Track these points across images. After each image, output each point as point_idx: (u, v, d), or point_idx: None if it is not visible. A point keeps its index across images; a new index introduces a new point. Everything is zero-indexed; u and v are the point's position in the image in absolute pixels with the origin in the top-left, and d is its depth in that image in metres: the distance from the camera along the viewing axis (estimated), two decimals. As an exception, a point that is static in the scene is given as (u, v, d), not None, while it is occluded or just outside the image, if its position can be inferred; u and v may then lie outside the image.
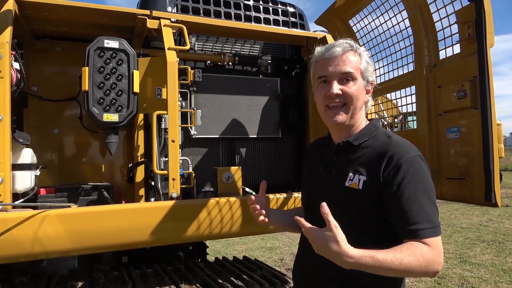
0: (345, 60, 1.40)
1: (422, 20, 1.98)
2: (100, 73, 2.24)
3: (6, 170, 1.95)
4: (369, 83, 1.44)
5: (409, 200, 1.25)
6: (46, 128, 2.75)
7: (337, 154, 1.46)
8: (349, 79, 1.40)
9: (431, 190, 1.30)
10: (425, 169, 1.32)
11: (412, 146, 1.37)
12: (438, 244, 1.24)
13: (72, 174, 2.79)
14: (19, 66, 2.24)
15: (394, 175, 1.28)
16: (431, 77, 1.95)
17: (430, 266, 1.20)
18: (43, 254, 2.05)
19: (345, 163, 1.42)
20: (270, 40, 3.11)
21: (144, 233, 2.14)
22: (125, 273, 2.96)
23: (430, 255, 1.20)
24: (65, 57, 2.80)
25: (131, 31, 2.67)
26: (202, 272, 3.01)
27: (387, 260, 1.17)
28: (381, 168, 1.30)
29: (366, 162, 1.36)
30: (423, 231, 1.23)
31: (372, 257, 1.17)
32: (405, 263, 1.17)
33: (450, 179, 1.83)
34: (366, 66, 1.42)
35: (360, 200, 1.33)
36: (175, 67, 2.29)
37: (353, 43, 1.44)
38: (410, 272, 1.20)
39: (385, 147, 1.34)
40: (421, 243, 1.22)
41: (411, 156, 1.30)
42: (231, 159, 3.07)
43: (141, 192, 2.77)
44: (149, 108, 2.44)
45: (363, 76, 1.42)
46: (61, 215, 1.97)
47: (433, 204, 1.28)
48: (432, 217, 1.25)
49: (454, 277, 5.00)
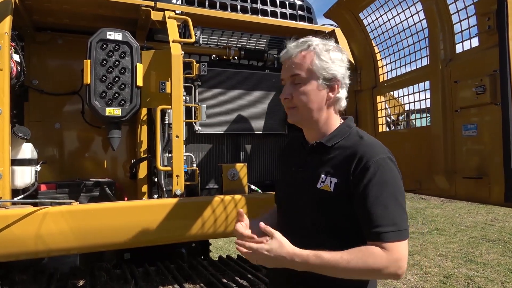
0: (296, 62, 1.36)
1: (438, 13, 1.90)
2: (102, 66, 2.18)
3: (5, 165, 1.90)
4: (330, 80, 1.35)
5: (374, 203, 1.24)
6: (47, 122, 2.70)
7: (311, 154, 1.43)
8: (299, 82, 1.37)
9: (399, 193, 1.27)
10: (394, 172, 1.28)
11: (383, 147, 1.33)
12: (400, 248, 1.22)
13: (74, 170, 2.73)
14: (20, 58, 2.18)
15: (362, 176, 1.26)
16: (446, 71, 1.88)
17: (384, 269, 1.19)
18: (43, 252, 2.00)
19: (318, 164, 1.39)
20: (276, 33, 3.03)
21: (148, 232, 2.08)
22: (127, 271, 2.90)
23: (383, 258, 1.20)
24: (67, 49, 2.74)
25: (134, 23, 2.60)
26: (206, 271, 2.96)
27: (334, 260, 1.19)
28: (350, 170, 1.29)
29: (338, 163, 1.34)
30: (385, 234, 1.21)
31: (319, 257, 1.20)
32: (352, 264, 1.19)
33: (466, 179, 1.75)
34: (320, 63, 1.34)
35: (331, 202, 1.32)
36: (180, 60, 2.22)
37: (314, 40, 1.38)
38: (358, 273, 1.21)
39: (355, 148, 1.32)
40: (377, 246, 1.21)
41: (380, 158, 1.27)
42: (236, 155, 3.00)
43: (144, 189, 2.71)
44: (152, 102, 2.38)
45: (317, 75, 1.35)
46: (62, 212, 1.91)
47: (400, 207, 1.25)
48: (397, 220, 1.23)
49: (460, 277, 4.94)
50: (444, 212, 9.33)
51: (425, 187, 2.08)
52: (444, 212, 9.33)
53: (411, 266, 5.33)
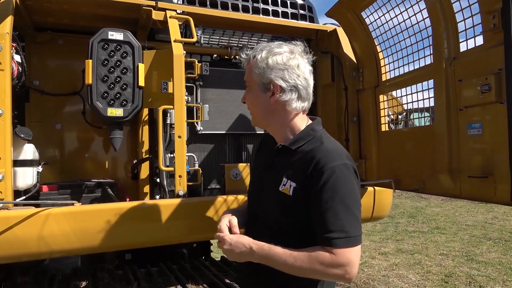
0: (245, 70, 1.49)
1: (442, 11, 1.89)
2: (104, 66, 2.16)
3: (7, 166, 1.88)
4: (267, 84, 1.42)
5: (325, 208, 1.28)
6: (48, 123, 2.68)
7: (278, 156, 1.49)
8: (247, 88, 1.50)
9: (350, 200, 1.30)
10: (347, 179, 1.31)
11: (342, 154, 1.36)
12: (348, 254, 1.26)
13: (75, 171, 2.71)
14: (21, 58, 2.17)
15: (316, 182, 1.30)
16: (450, 70, 1.86)
17: (329, 271, 1.25)
18: (46, 253, 1.99)
19: (282, 166, 1.44)
20: (278, 33, 3.02)
21: (150, 232, 2.08)
22: (130, 272, 2.89)
23: (330, 262, 1.24)
24: (67, 50, 2.72)
25: (135, 23, 2.59)
26: (208, 272, 2.94)
27: (284, 256, 1.28)
28: (307, 175, 1.33)
29: (297, 168, 1.38)
30: (334, 240, 1.26)
31: (272, 249, 1.30)
32: (299, 262, 1.26)
33: (471, 178, 1.74)
34: (257, 70, 1.43)
35: (291, 205, 1.37)
36: (182, 60, 2.21)
37: (258, 48, 1.46)
38: (305, 271, 1.28)
39: (314, 153, 1.36)
40: (326, 250, 1.26)
41: (335, 165, 1.30)
42: (238, 155, 2.99)
43: (145, 189, 2.70)
44: (154, 102, 2.36)
45: (256, 81, 1.44)
46: (64, 213, 1.90)
47: (351, 214, 1.29)
48: (346, 228, 1.26)
49: (461, 276, 4.93)
50: (444, 211, 9.33)
51: (429, 186, 2.07)
52: (444, 211, 9.33)
53: (412, 265, 5.33)
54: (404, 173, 2.29)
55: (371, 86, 2.55)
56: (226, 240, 1.37)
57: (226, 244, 1.37)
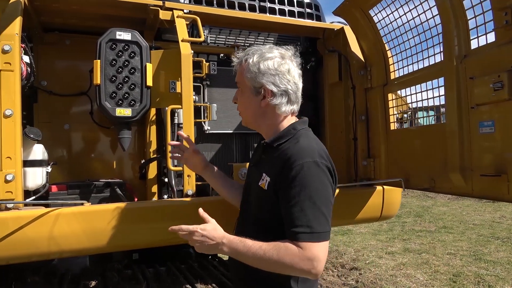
0: (237, 71, 1.56)
1: (452, 8, 1.87)
2: (112, 66, 2.16)
3: (17, 166, 1.89)
4: (258, 88, 1.49)
5: (293, 203, 1.32)
6: (56, 123, 2.69)
7: (264, 153, 1.56)
8: (239, 89, 1.57)
9: (317, 197, 1.32)
10: (316, 176, 1.34)
11: (314, 151, 1.39)
12: (314, 248, 1.28)
13: (83, 171, 2.72)
14: (29, 59, 2.17)
15: (285, 178, 1.35)
16: (461, 68, 1.85)
17: (296, 265, 1.27)
18: (56, 253, 1.99)
19: (265, 163, 1.51)
20: (285, 32, 3.01)
21: (160, 232, 2.07)
22: (138, 272, 2.89)
23: (296, 256, 1.27)
24: (74, 50, 2.73)
25: (142, 23, 2.59)
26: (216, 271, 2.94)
27: (254, 248, 1.31)
28: (280, 171, 1.38)
29: (273, 164, 1.44)
30: (299, 235, 1.29)
31: (242, 242, 1.33)
32: (268, 255, 1.29)
33: (483, 176, 1.72)
34: (248, 74, 1.49)
35: (266, 200, 1.43)
36: (190, 59, 2.21)
37: (250, 51, 1.53)
38: (274, 265, 1.30)
39: (289, 151, 1.41)
40: (293, 244, 1.29)
41: (304, 162, 1.34)
42: (245, 154, 2.99)
43: (153, 189, 2.70)
44: (162, 102, 2.36)
45: (247, 85, 1.51)
46: (74, 213, 1.91)
47: (317, 210, 1.31)
48: (312, 223, 1.29)
49: (469, 275, 4.89)
50: (451, 210, 9.27)
51: (439, 185, 2.05)
52: (451, 210, 9.27)
53: (420, 264, 5.30)
54: (413, 172, 2.28)
55: (379, 84, 2.53)
56: (197, 232, 1.37)
57: (196, 236, 1.37)
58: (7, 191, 1.86)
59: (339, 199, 2.47)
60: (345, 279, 4.64)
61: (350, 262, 5.32)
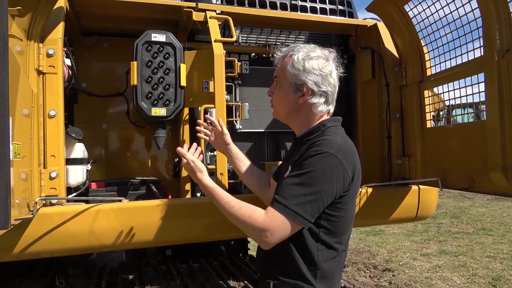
0: (278, 66, 1.59)
1: (493, 1, 1.79)
2: (148, 67, 2.23)
3: (60, 164, 1.99)
4: (300, 85, 1.52)
5: (289, 177, 1.40)
6: (95, 123, 2.80)
7: (295, 148, 1.60)
8: (277, 84, 1.60)
9: (314, 184, 1.34)
10: (326, 167, 1.36)
11: (335, 145, 1.41)
12: (277, 218, 1.34)
13: (120, 168, 2.82)
14: (70, 62, 2.27)
15: (299, 158, 1.42)
16: (503, 63, 1.77)
17: (253, 227, 1.36)
18: (96, 248, 2.08)
19: (293, 156, 1.54)
20: (317, 30, 2.99)
21: (194, 229, 2.12)
22: (172, 267, 2.97)
23: (258, 218, 1.36)
24: (111, 53, 2.83)
25: (175, 25, 2.65)
26: (248, 269, 2.97)
27: (224, 199, 1.46)
28: (299, 157, 1.44)
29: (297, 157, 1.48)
30: (275, 202, 1.36)
31: (216, 189, 1.50)
32: (233, 210, 1.42)
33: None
34: (292, 70, 1.51)
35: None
36: (222, 59, 2.24)
37: (295, 47, 1.56)
38: (235, 219, 1.42)
39: (313, 143, 1.45)
40: (262, 209, 1.38)
41: (322, 150, 1.38)
42: (276, 153, 2.99)
43: (187, 187, 2.75)
44: (195, 102, 2.41)
45: (289, 80, 1.53)
46: (113, 209, 1.98)
47: (305, 192, 1.34)
48: (291, 200, 1.34)
49: (510, 279, 4.68)
50: (490, 212, 8.87)
51: (479, 185, 1.97)
52: (490, 212, 8.87)
53: (456, 267, 5.12)
54: (451, 171, 2.20)
55: (415, 81, 2.47)
56: (187, 158, 1.63)
57: (184, 162, 1.64)
58: (51, 188, 1.96)
59: (373, 198, 2.46)
60: (378, 280, 4.55)
61: (383, 263, 5.21)
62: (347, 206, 1.48)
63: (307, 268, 1.44)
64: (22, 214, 1.63)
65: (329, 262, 1.46)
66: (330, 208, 1.42)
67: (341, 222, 1.47)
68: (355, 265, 5.08)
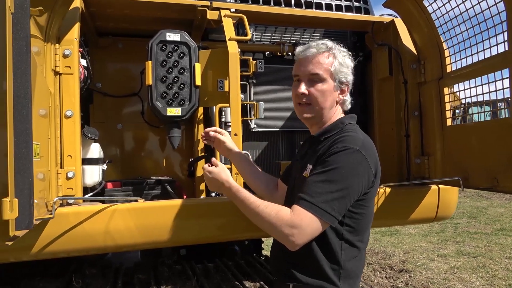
0: (316, 62, 1.49)
1: (518, -7, 1.73)
2: (162, 66, 2.22)
3: (77, 164, 1.99)
4: (343, 83, 1.53)
5: (314, 174, 1.37)
6: (110, 123, 2.81)
7: (311, 147, 1.56)
8: (316, 80, 1.49)
9: (340, 180, 1.32)
10: (352, 163, 1.34)
11: (359, 141, 1.39)
12: (305, 217, 1.29)
13: (135, 168, 2.82)
14: (86, 62, 2.28)
15: (324, 155, 1.40)
16: (529, 58, 1.70)
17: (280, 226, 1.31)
18: (111, 247, 2.08)
19: (310, 155, 1.52)
20: (332, 27, 2.95)
21: (209, 228, 2.11)
22: (187, 267, 2.96)
23: (284, 217, 1.31)
24: (126, 53, 2.84)
25: (189, 24, 2.63)
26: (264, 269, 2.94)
27: (250, 200, 1.40)
28: (321, 155, 1.42)
29: (318, 153, 1.45)
30: (301, 200, 1.32)
31: (241, 191, 1.44)
32: (260, 209, 1.36)
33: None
34: (339, 67, 1.49)
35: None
36: (237, 58, 2.22)
37: (331, 44, 1.53)
38: (261, 220, 1.36)
39: (335, 140, 1.42)
40: (288, 208, 1.34)
41: (347, 147, 1.36)
42: (291, 152, 2.96)
43: (202, 187, 2.74)
44: (210, 101, 2.39)
45: (334, 77, 1.50)
46: (129, 209, 1.98)
47: (332, 189, 1.31)
48: (318, 197, 1.30)
49: (533, 282, 4.55)
50: (509, 212, 8.66)
51: (503, 184, 1.91)
52: (509, 212, 8.66)
53: (475, 268, 5.00)
54: (473, 170, 2.14)
55: (434, 78, 2.41)
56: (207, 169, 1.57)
57: (205, 175, 1.57)
58: (68, 188, 1.97)
59: (391, 198, 2.40)
60: (394, 281, 4.48)
61: (399, 264, 5.13)
62: (369, 203, 1.46)
63: (331, 267, 1.41)
64: (41, 214, 1.63)
65: (352, 261, 1.44)
66: (353, 205, 1.40)
67: (363, 220, 1.45)
68: (370, 266, 5.01)
